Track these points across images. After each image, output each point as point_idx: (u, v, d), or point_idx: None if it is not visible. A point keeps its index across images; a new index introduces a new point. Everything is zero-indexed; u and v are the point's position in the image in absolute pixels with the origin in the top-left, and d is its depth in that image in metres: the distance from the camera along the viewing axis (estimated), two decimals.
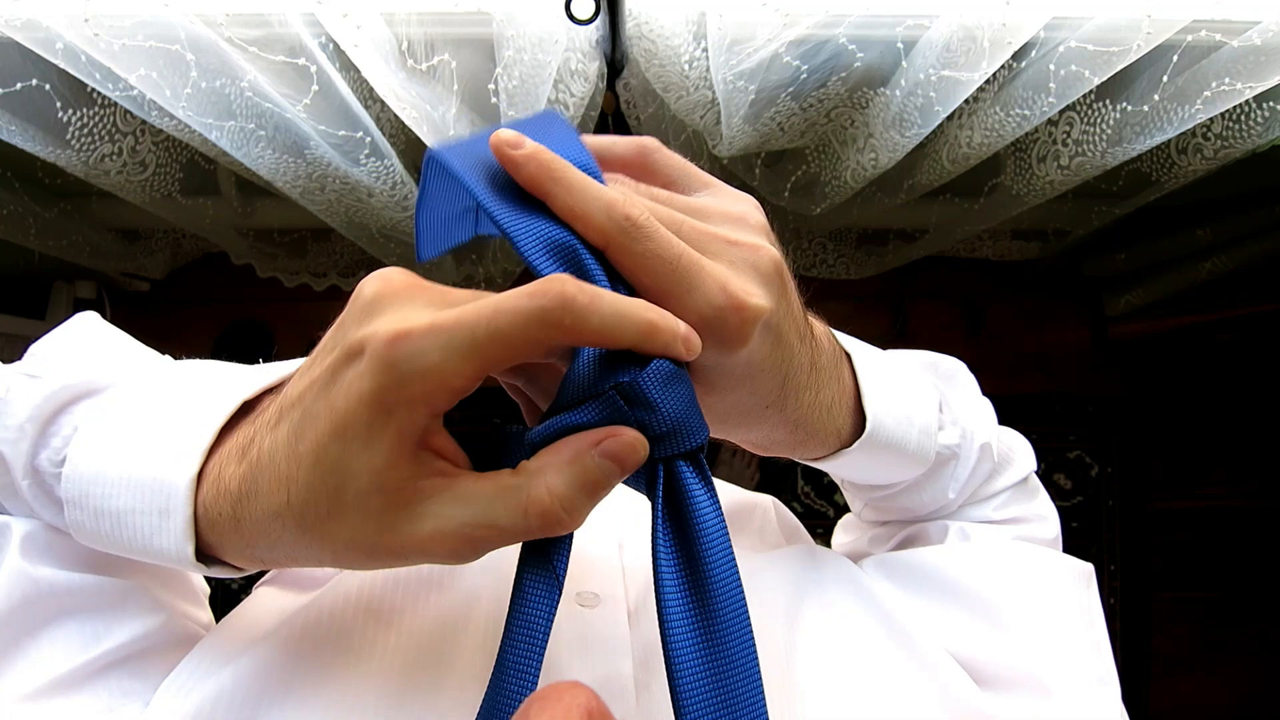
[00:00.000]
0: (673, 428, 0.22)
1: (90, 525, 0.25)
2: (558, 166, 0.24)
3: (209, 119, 0.66)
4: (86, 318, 0.29)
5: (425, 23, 0.65)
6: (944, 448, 0.36)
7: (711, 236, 0.25)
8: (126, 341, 0.30)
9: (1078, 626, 0.34)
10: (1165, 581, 1.33)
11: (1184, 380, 1.34)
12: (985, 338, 1.36)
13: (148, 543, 0.24)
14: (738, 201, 0.28)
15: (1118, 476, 1.34)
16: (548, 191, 0.24)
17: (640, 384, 0.22)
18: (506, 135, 0.24)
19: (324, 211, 0.86)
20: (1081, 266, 1.29)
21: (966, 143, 0.79)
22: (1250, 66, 0.63)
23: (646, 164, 0.28)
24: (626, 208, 0.23)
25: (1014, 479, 0.39)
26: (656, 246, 0.23)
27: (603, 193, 0.23)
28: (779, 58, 0.67)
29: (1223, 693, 1.32)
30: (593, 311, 0.20)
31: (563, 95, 0.72)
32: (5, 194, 0.90)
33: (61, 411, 0.26)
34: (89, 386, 0.26)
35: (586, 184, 0.24)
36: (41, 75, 0.65)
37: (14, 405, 0.26)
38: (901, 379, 0.35)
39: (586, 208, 0.23)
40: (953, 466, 0.37)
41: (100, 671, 0.27)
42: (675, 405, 0.22)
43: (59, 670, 0.25)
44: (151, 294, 1.33)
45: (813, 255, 1.22)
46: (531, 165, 0.24)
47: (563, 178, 0.24)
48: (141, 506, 0.24)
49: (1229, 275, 1.08)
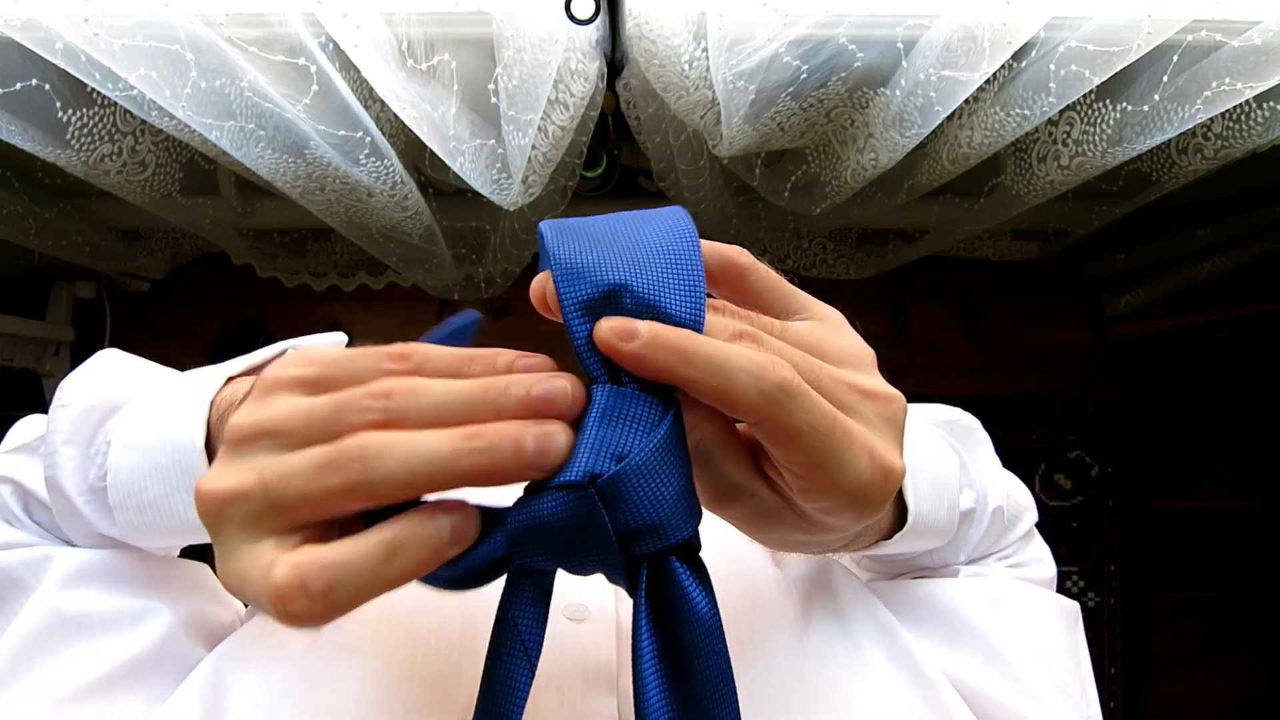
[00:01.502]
0: (658, 522, 0.20)
1: (137, 521, 0.28)
2: (686, 347, 0.20)
3: (209, 119, 0.66)
4: (107, 352, 0.34)
5: (425, 23, 0.65)
6: (962, 512, 0.36)
7: (848, 388, 0.23)
8: (143, 364, 0.34)
9: (1068, 667, 0.35)
10: (1165, 581, 1.33)
11: (1184, 380, 1.34)
12: (985, 338, 1.36)
13: (183, 518, 0.28)
14: (843, 327, 0.25)
15: (1118, 476, 1.34)
16: (685, 378, 0.20)
17: (620, 480, 0.19)
18: (616, 327, 0.20)
19: (324, 211, 0.86)
20: (1081, 266, 1.29)
21: (966, 143, 0.79)
22: (1250, 66, 0.63)
23: (740, 285, 0.25)
24: (776, 373, 0.20)
25: (1019, 535, 0.40)
26: (810, 417, 0.21)
27: (744, 361, 0.20)
28: (779, 58, 0.67)
29: (1223, 693, 1.32)
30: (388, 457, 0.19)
31: (563, 95, 0.72)
32: (5, 194, 0.90)
33: (96, 431, 0.30)
34: (112, 404, 0.30)
35: (725, 357, 0.20)
36: (41, 75, 0.65)
37: (53, 435, 0.29)
38: (930, 458, 0.34)
39: (734, 385, 0.20)
40: (967, 529, 0.37)
41: (121, 680, 0.28)
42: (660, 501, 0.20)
43: (84, 679, 0.28)
44: (151, 294, 1.33)
45: (813, 255, 1.22)
46: (658, 355, 0.20)
47: (695, 357, 0.20)
48: (171, 488, 0.27)
49: (1229, 275, 1.08)
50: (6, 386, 1.24)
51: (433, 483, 0.19)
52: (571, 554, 0.20)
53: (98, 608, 0.29)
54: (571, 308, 0.22)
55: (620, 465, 0.20)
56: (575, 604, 0.32)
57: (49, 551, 0.30)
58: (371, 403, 0.20)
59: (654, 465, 0.20)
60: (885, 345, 1.37)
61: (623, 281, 0.21)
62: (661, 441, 0.20)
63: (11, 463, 0.32)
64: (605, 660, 0.30)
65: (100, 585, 0.30)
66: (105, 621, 0.29)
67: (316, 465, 0.19)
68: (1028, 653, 0.34)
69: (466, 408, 0.20)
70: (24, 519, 0.31)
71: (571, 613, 0.32)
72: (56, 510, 0.30)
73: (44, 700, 0.27)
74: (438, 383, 0.20)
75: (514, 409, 0.20)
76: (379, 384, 0.20)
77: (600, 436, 0.20)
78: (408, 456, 0.19)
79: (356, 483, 0.19)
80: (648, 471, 0.20)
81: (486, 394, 0.20)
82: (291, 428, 0.20)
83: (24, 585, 0.29)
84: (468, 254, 1.13)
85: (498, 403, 0.20)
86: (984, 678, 0.32)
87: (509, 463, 0.19)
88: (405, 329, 1.36)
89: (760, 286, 0.25)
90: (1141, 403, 1.34)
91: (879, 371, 0.25)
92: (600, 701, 0.28)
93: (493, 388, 0.20)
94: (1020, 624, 0.35)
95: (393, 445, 0.19)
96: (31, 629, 0.28)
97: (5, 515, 0.31)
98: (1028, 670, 0.33)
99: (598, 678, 0.29)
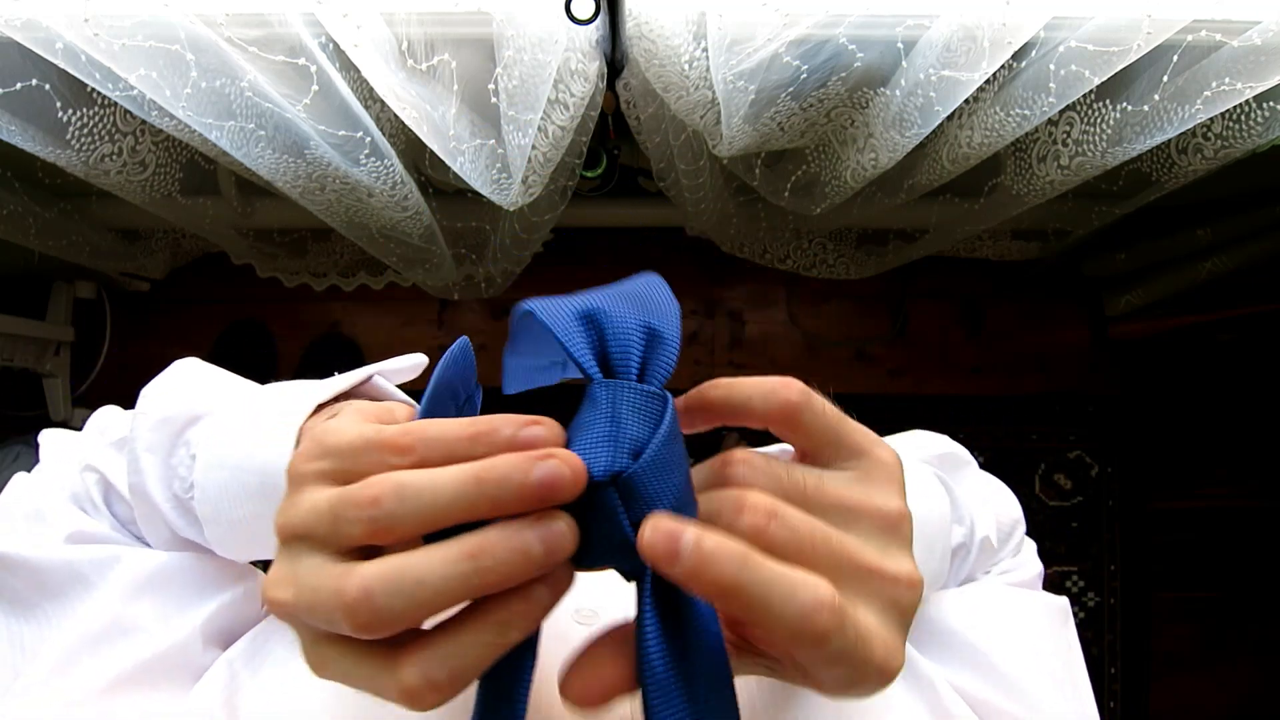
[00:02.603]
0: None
1: (229, 536, 0.29)
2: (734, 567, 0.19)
3: (209, 119, 0.66)
4: (186, 361, 0.35)
5: (425, 23, 0.65)
6: (953, 549, 0.36)
7: (860, 570, 0.21)
8: (221, 374, 0.35)
9: (1058, 666, 0.35)
10: (1165, 581, 1.33)
11: (1184, 380, 1.34)
12: (985, 338, 1.36)
13: (273, 539, 0.27)
14: (889, 485, 0.24)
15: (1118, 476, 1.34)
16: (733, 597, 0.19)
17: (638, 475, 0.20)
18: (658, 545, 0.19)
19: (324, 211, 0.86)
20: (1081, 266, 1.29)
21: (966, 143, 0.79)
22: (1250, 66, 0.63)
23: (795, 425, 0.24)
24: (818, 594, 0.19)
25: (1011, 549, 0.40)
26: (842, 642, 0.20)
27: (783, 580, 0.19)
28: (779, 58, 0.67)
29: (1223, 693, 1.32)
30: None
31: (563, 95, 0.72)
32: (5, 194, 0.90)
33: (175, 442, 0.31)
34: (191, 415, 0.31)
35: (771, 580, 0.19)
36: (41, 75, 0.65)
37: (134, 442, 0.30)
38: (923, 507, 0.33)
39: (784, 612, 0.19)
40: (958, 563, 0.37)
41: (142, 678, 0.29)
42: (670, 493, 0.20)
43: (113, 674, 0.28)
44: (151, 294, 1.34)
45: (813, 255, 1.22)
46: (709, 572, 0.19)
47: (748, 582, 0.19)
48: (261, 511, 0.28)
49: (1229, 275, 1.08)
50: (6, 386, 1.25)
51: (444, 605, 0.19)
52: (586, 550, 0.21)
53: (149, 615, 0.30)
54: (563, 318, 0.22)
55: (638, 462, 0.20)
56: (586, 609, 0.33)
57: (118, 553, 0.31)
58: (358, 513, 0.20)
59: (664, 457, 0.20)
60: (885, 345, 1.37)
61: (599, 307, 0.23)
62: (667, 432, 0.21)
63: (102, 455, 0.33)
64: None
65: (160, 594, 0.31)
66: (144, 626, 0.30)
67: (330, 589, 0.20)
68: (1016, 656, 0.34)
69: (458, 504, 0.19)
70: (101, 508, 0.32)
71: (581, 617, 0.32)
72: (140, 515, 0.31)
73: (80, 694, 0.27)
74: (426, 483, 0.20)
75: (512, 502, 0.19)
76: (371, 490, 0.20)
77: (615, 432, 0.20)
78: (413, 589, 0.19)
79: (369, 618, 0.19)
80: (660, 464, 0.20)
81: (481, 487, 0.19)
82: (312, 531, 0.21)
83: (88, 583, 0.30)
84: (468, 254, 1.13)
85: (494, 496, 0.19)
86: (976, 687, 0.33)
87: (519, 573, 0.19)
88: (405, 329, 1.36)
89: (813, 427, 0.24)
90: (1141, 403, 1.34)
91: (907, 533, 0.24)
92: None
93: (487, 480, 0.19)
94: (1006, 628, 0.35)
95: (400, 575, 0.19)
96: (90, 631, 0.29)
97: (83, 502, 0.32)
98: (1017, 673, 0.33)
99: None
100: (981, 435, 1.34)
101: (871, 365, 1.37)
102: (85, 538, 0.31)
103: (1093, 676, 0.36)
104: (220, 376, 0.35)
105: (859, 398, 1.35)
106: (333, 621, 0.19)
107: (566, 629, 0.31)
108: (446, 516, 0.19)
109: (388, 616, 0.19)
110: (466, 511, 0.19)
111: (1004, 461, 1.34)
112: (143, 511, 0.31)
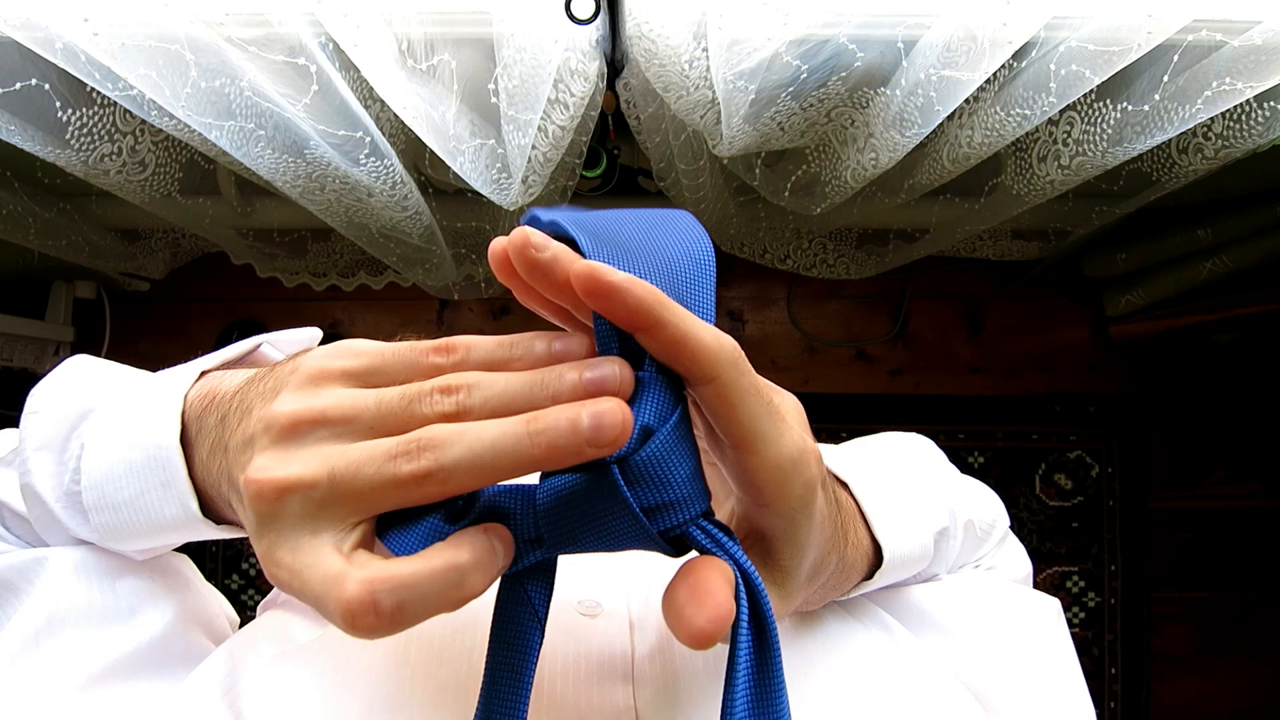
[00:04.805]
0: (680, 498, 0.21)
1: (112, 521, 0.27)
2: (662, 297, 0.21)
3: (209, 119, 0.66)
4: (77, 358, 0.33)
5: (425, 22, 0.65)
6: (936, 533, 0.36)
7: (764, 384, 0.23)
8: (114, 367, 0.33)
9: (1046, 664, 0.35)
10: (1165, 581, 1.33)
11: (1184, 380, 1.34)
12: (985, 338, 1.36)
13: (160, 516, 0.27)
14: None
15: (1118, 476, 1.34)
16: (658, 320, 0.20)
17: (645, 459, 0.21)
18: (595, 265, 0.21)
19: (324, 211, 0.86)
20: (1081, 266, 1.29)
21: (967, 142, 0.79)
22: (1251, 66, 0.63)
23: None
24: (731, 341, 0.21)
25: (994, 543, 0.41)
26: (755, 382, 0.21)
27: (706, 326, 0.21)
28: (779, 57, 0.67)
29: (1223, 693, 1.32)
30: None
31: (563, 95, 0.72)
32: (5, 194, 0.90)
33: (69, 436, 0.29)
34: (85, 408, 0.29)
35: (691, 317, 0.21)
36: (41, 75, 0.65)
37: (25, 442, 0.29)
38: (897, 489, 0.34)
39: (699, 338, 0.21)
40: (944, 547, 0.37)
41: (129, 668, 0.29)
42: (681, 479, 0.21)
43: (94, 667, 0.28)
44: (151, 294, 1.33)
45: (813, 255, 1.22)
46: (637, 291, 0.20)
47: (668, 306, 0.21)
48: (146, 486, 0.26)
49: (1229, 275, 1.08)
50: (6, 386, 1.24)
51: (499, 471, 0.19)
52: (603, 530, 0.21)
53: (96, 601, 0.29)
54: None
55: (645, 446, 0.21)
56: (589, 600, 0.33)
57: (42, 554, 0.29)
58: (442, 397, 0.20)
59: (673, 445, 0.21)
60: (885, 345, 1.37)
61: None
62: (677, 423, 0.21)
63: None
64: (620, 652, 0.30)
65: (98, 580, 0.29)
66: (106, 614, 0.29)
67: (389, 455, 0.19)
68: (1004, 652, 0.34)
69: (527, 398, 0.20)
70: (3, 532, 0.31)
71: (585, 609, 0.32)
72: (34, 519, 0.29)
73: (61, 689, 0.27)
74: (499, 377, 0.21)
75: (569, 395, 0.20)
76: (445, 378, 0.21)
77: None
78: (476, 446, 0.19)
79: (428, 472, 0.19)
80: (668, 451, 0.21)
81: (545, 384, 0.21)
82: (356, 417, 0.20)
83: (14, 589, 0.28)
84: (468, 254, 1.13)
85: (554, 387, 0.20)
86: (965, 679, 0.33)
87: (567, 442, 0.19)
88: (405, 329, 1.36)
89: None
90: (1141, 403, 1.34)
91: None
92: (615, 691, 0.29)
93: (548, 378, 0.21)
94: (996, 624, 0.35)
95: (461, 435, 0.19)
96: (31, 630, 0.27)
97: None
98: (1004, 670, 0.33)
99: (612, 669, 0.30)
100: (981, 435, 1.34)
101: (871, 365, 1.37)
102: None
103: (1093, 676, 0.36)
104: (113, 369, 0.33)
105: (859, 398, 1.35)
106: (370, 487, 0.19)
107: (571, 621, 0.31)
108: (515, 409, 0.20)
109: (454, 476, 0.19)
110: (530, 406, 0.20)
111: (1004, 461, 1.34)
112: (36, 514, 0.29)
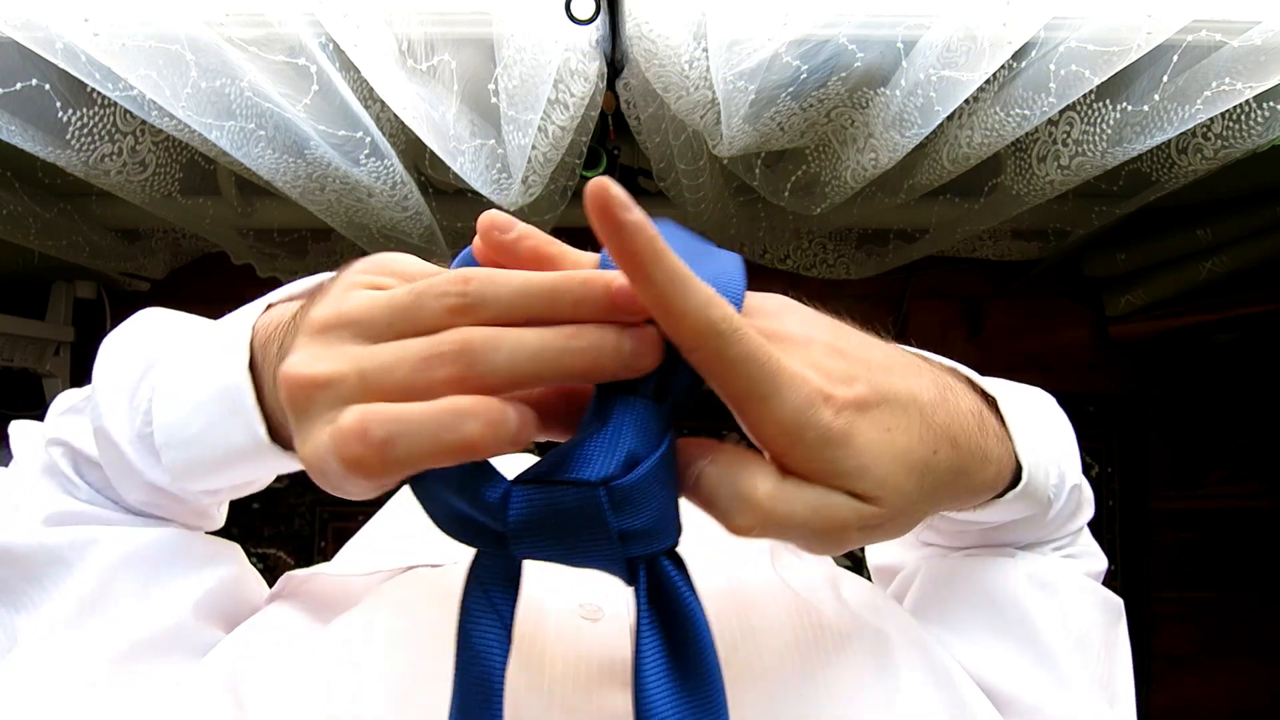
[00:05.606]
0: (656, 528, 0.21)
1: (182, 458, 0.28)
2: (660, 248, 0.19)
3: (209, 119, 0.66)
4: (148, 310, 0.34)
5: (425, 22, 0.65)
6: (1058, 478, 0.34)
7: (779, 336, 0.22)
8: (184, 317, 0.35)
9: (1102, 662, 0.35)
10: (1165, 581, 1.33)
11: (1184, 380, 1.34)
12: (985, 338, 1.36)
13: (229, 444, 0.27)
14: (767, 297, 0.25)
15: (1118, 476, 1.34)
16: (648, 276, 0.19)
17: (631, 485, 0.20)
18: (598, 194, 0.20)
19: (324, 211, 0.86)
20: (1081, 266, 1.29)
21: (967, 143, 0.79)
22: (1250, 66, 0.63)
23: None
24: (724, 305, 0.20)
25: (1084, 521, 0.39)
26: (746, 349, 0.20)
27: (700, 285, 0.20)
28: (779, 58, 0.67)
29: (1223, 693, 1.32)
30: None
31: (563, 95, 0.72)
32: (5, 194, 0.90)
33: (139, 382, 0.30)
34: (155, 355, 0.30)
35: (687, 275, 0.20)
36: (41, 75, 0.65)
37: (99, 389, 0.30)
38: (1041, 422, 0.33)
39: (685, 300, 0.19)
40: (1054, 504, 0.35)
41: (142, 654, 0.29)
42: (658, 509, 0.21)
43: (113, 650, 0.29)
44: (151, 294, 1.33)
45: (813, 255, 1.22)
46: (639, 238, 0.19)
47: (663, 259, 0.19)
48: (215, 417, 0.27)
49: (1229, 275, 1.08)
50: (6, 386, 1.24)
51: (535, 378, 0.19)
52: (572, 547, 0.21)
53: (128, 593, 0.30)
54: None
55: (632, 474, 0.20)
56: (591, 604, 0.32)
57: (95, 534, 0.30)
58: (449, 287, 0.20)
59: (656, 475, 0.21)
60: None
61: None
62: (664, 454, 0.21)
63: (60, 424, 0.32)
64: (621, 657, 0.30)
65: (140, 572, 0.30)
66: (146, 593, 0.30)
67: (422, 356, 0.19)
68: (1066, 643, 0.33)
69: (547, 297, 0.20)
70: (76, 480, 0.32)
71: (587, 612, 0.32)
72: (106, 463, 0.30)
73: (93, 664, 0.28)
74: (516, 273, 0.21)
75: (598, 299, 0.20)
76: (456, 271, 0.20)
77: (616, 441, 0.21)
78: (514, 350, 0.19)
79: (462, 375, 0.19)
80: (651, 481, 0.21)
81: (569, 285, 0.20)
82: (374, 317, 0.20)
83: (68, 564, 0.30)
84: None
85: (579, 293, 0.20)
86: (1017, 665, 0.32)
87: (608, 362, 0.19)
88: None
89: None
90: (1141, 403, 1.34)
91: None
92: (616, 696, 0.29)
93: (573, 278, 0.20)
94: (1063, 612, 0.34)
95: (499, 338, 0.19)
96: (67, 613, 0.28)
97: (59, 479, 0.32)
98: (1062, 660, 0.33)
99: (613, 673, 0.29)
100: None
101: None
102: (63, 518, 0.31)
103: None
104: (183, 319, 0.34)
105: None
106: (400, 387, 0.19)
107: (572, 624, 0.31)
108: (534, 305, 0.20)
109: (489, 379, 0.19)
110: (550, 306, 0.20)
111: None
112: (108, 458, 0.30)
